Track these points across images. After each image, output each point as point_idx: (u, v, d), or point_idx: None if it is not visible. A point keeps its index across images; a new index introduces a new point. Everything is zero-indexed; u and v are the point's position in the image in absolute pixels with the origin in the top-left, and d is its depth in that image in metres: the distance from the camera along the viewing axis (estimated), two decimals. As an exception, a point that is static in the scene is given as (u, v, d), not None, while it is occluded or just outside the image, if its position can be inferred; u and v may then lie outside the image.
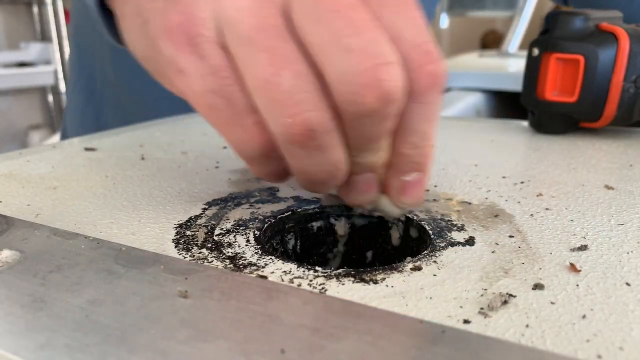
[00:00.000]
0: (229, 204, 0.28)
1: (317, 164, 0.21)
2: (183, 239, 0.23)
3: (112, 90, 0.62)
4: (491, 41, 3.10)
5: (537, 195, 0.29)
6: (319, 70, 0.20)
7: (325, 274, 0.20)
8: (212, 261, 0.21)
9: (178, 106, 0.42)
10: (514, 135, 0.45)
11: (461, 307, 0.18)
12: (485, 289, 0.19)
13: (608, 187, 0.30)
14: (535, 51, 0.43)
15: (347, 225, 0.28)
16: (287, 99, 0.19)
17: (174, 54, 0.21)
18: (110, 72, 0.60)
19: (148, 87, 0.52)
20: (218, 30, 0.21)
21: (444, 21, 3.15)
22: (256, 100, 0.20)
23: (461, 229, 0.24)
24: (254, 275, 0.20)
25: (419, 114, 0.21)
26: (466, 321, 0.17)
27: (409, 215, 0.26)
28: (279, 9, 0.20)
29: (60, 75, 2.48)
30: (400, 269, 0.20)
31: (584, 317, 0.17)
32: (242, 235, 0.24)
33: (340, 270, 0.20)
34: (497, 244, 0.23)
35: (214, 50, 0.21)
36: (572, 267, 0.20)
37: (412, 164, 0.23)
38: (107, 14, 0.29)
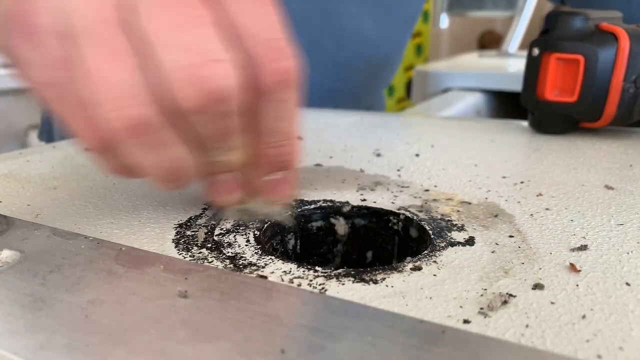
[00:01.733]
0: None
1: (155, 161, 0.21)
2: (183, 239, 0.23)
3: None
4: (489, 41, 3.10)
5: (537, 195, 0.29)
6: (151, 66, 0.19)
7: (325, 274, 0.20)
8: (212, 261, 0.21)
9: None
10: (514, 135, 0.45)
11: (461, 307, 0.18)
12: (485, 289, 0.19)
13: (608, 187, 0.30)
14: (535, 51, 0.43)
15: (347, 225, 0.28)
16: (115, 92, 0.19)
17: (15, 44, 0.21)
18: None
19: None
20: (58, 21, 0.20)
21: (444, 21, 3.15)
22: (89, 93, 0.20)
23: (461, 229, 0.24)
24: (254, 275, 0.20)
25: (272, 112, 0.21)
26: (466, 321, 0.17)
27: (409, 215, 0.26)
28: (118, 2, 0.19)
29: (60, 75, 2.47)
30: (400, 269, 0.20)
31: (584, 317, 0.17)
32: (242, 235, 0.24)
33: (340, 270, 0.20)
34: (497, 244, 0.23)
35: (51, 40, 0.20)
36: (572, 267, 0.20)
37: (275, 164, 0.23)
38: None
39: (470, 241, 0.23)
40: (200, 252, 0.22)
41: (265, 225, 0.25)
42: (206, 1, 0.19)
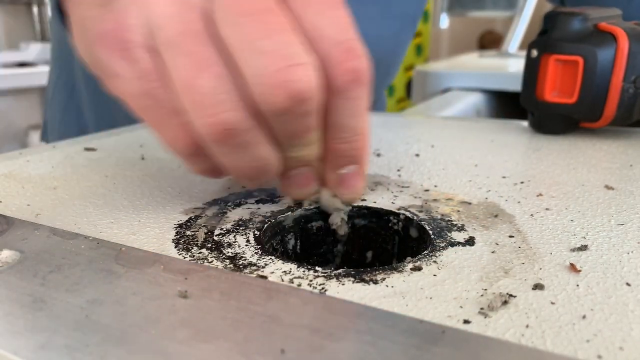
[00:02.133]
0: (229, 204, 0.28)
1: (243, 161, 0.23)
2: (183, 239, 0.23)
3: (90, 87, 0.61)
4: (489, 41, 3.10)
5: (537, 195, 0.29)
6: (238, 73, 0.21)
7: (325, 274, 0.20)
8: (212, 261, 0.21)
9: None
10: (514, 135, 0.45)
11: (461, 307, 0.18)
12: (485, 289, 0.19)
13: (608, 187, 0.30)
14: (534, 52, 0.43)
15: (347, 225, 0.28)
16: (206, 100, 0.21)
17: (108, 59, 0.23)
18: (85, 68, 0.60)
19: None
20: (148, 35, 0.22)
21: (444, 21, 3.15)
22: (181, 102, 0.22)
23: (461, 229, 0.24)
24: (254, 275, 0.20)
25: (344, 109, 0.23)
26: (466, 321, 0.17)
27: (409, 215, 0.26)
28: (202, 14, 0.21)
29: (60, 75, 2.47)
30: (400, 269, 0.20)
31: (584, 317, 0.17)
32: (242, 235, 0.24)
33: (340, 270, 0.20)
34: (497, 244, 0.23)
35: (144, 54, 0.22)
36: (572, 267, 0.20)
37: (346, 158, 0.24)
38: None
39: (470, 241, 0.23)
40: (200, 252, 0.22)
41: (266, 225, 0.25)
42: (282, 7, 0.21)
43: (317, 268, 0.20)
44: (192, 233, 0.24)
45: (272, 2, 0.21)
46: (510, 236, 0.23)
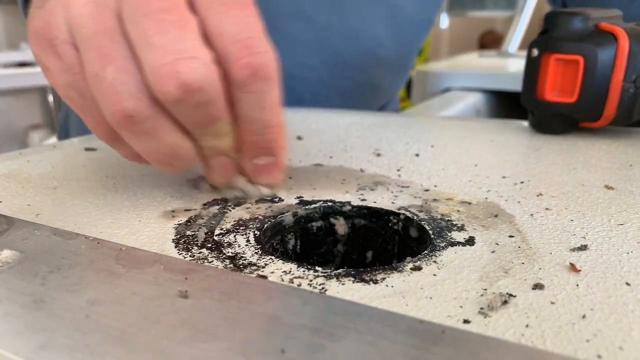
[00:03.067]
0: (229, 204, 0.28)
1: (153, 147, 0.25)
2: (183, 239, 0.23)
3: None
4: (489, 41, 3.10)
5: (537, 195, 0.29)
6: (139, 65, 0.23)
7: (325, 274, 0.20)
8: (212, 261, 0.21)
9: None
10: (514, 135, 0.45)
11: (461, 307, 0.18)
12: (485, 289, 0.19)
13: (608, 187, 0.30)
14: (535, 52, 0.43)
15: (347, 225, 0.28)
16: (109, 89, 0.23)
17: (39, 54, 0.26)
18: None
19: None
20: (70, 32, 0.25)
21: (444, 21, 3.15)
22: (92, 92, 0.24)
23: (461, 229, 0.24)
24: (254, 275, 0.20)
25: (248, 103, 0.25)
26: (466, 321, 0.17)
27: (409, 215, 0.26)
28: (114, 13, 0.24)
29: (61, 75, 2.47)
30: (400, 269, 0.20)
31: (583, 317, 0.17)
32: (242, 235, 0.24)
33: (340, 270, 0.20)
34: (497, 244, 0.23)
35: (68, 50, 0.25)
36: (572, 267, 0.20)
37: (260, 149, 0.27)
38: None
39: (470, 241, 0.23)
40: (200, 252, 0.22)
41: (266, 225, 0.25)
42: (185, 8, 0.23)
43: (317, 268, 0.20)
44: (192, 233, 0.24)
45: (175, 3, 0.23)
46: (510, 236, 0.23)
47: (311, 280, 0.19)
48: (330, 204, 0.28)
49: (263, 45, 0.24)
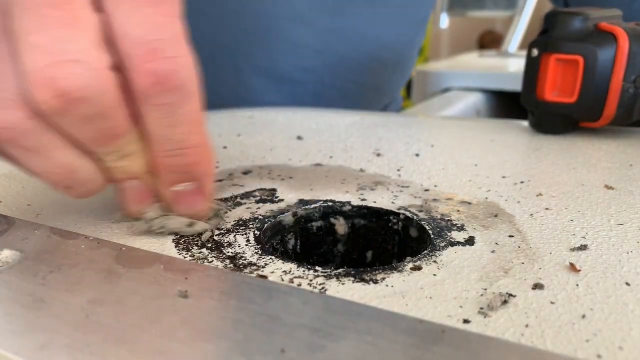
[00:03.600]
0: (229, 204, 0.28)
1: (44, 166, 0.21)
2: (183, 239, 0.23)
3: None
4: (488, 41, 3.10)
5: (537, 195, 0.29)
6: (17, 70, 0.19)
7: (325, 274, 0.20)
8: (212, 261, 0.21)
9: None
10: (514, 135, 0.45)
11: (461, 306, 0.18)
12: (485, 289, 0.19)
13: (608, 187, 0.30)
14: (535, 52, 0.43)
15: (347, 225, 0.28)
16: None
17: None
18: None
19: None
20: None
21: (444, 21, 3.15)
22: None
23: (461, 228, 0.24)
24: (254, 275, 0.20)
25: (155, 118, 0.20)
26: (466, 321, 0.17)
27: (409, 215, 0.26)
28: (1, 9, 0.19)
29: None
30: (400, 268, 0.20)
31: (583, 316, 0.17)
32: (242, 235, 0.24)
33: (340, 270, 0.20)
34: (497, 243, 0.23)
35: None
36: (572, 267, 0.20)
37: (178, 174, 0.22)
38: None
39: (470, 241, 0.23)
40: (200, 252, 0.22)
41: (266, 225, 0.25)
42: (93, 4, 0.19)
43: (317, 268, 0.20)
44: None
45: None
46: (510, 236, 0.23)
47: (311, 280, 0.20)
48: (330, 203, 0.28)
49: (174, 49, 0.19)
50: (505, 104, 0.91)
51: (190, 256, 0.22)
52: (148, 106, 0.20)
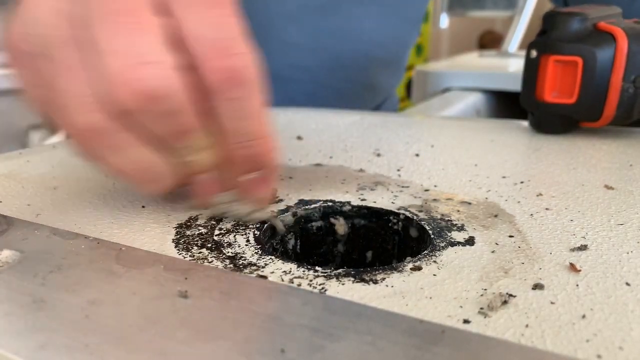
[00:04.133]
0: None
1: (123, 164, 0.23)
2: (183, 239, 0.23)
3: None
4: (489, 41, 3.10)
5: (537, 195, 0.29)
6: (97, 74, 0.21)
7: (325, 274, 0.20)
8: (212, 261, 0.21)
9: None
10: (514, 135, 0.45)
11: (461, 307, 0.18)
12: (485, 289, 0.19)
13: (608, 187, 0.30)
14: (534, 53, 0.43)
15: (347, 226, 0.28)
16: (67, 103, 0.21)
17: (11, 66, 0.23)
18: None
19: None
20: (33, 45, 0.22)
21: (444, 21, 3.15)
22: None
23: (461, 229, 0.24)
24: (254, 275, 0.20)
25: (227, 111, 0.22)
26: (466, 321, 0.17)
27: (409, 215, 0.26)
28: (69, 18, 0.21)
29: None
30: (400, 269, 0.20)
31: (583, 317, 0.17)
32: (242, 235, 0.24)
33: (340, 270, 0.20)
34: (497, 243, 0.23)
35: (32, 62, 0.22)
36: (572, 267, 0.20)
37: (247, 164, 0.24)
38: None
39: (470, 241, 0.23)
40: (200, 252, 0.22)
41: (265, 225, 0.25)
42: (155, 9, 0.21)
43: (317, 268, 0.20)
44: (192, 233, 0.24)
45: (133, 4, 0.21)
46: (510, 236, 0.23)
47: (311, 280, 0.20)
48: (330, 204, 0.28)
49: (241, 47, 0.21)
50: (505, 104, 0.91)
51: (190, 256, 0.22)
52: (221, 101, 0.22)
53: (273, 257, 0.21)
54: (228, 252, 0.22)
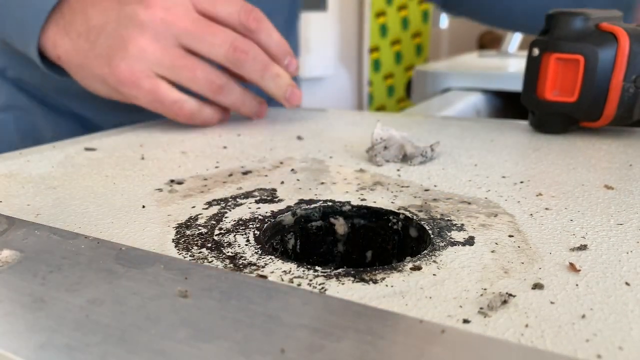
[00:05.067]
0: (229, 204, 0.28)
1: (232, 99, 0.47)
2: (183, 239, 0.23)
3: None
4: (488, 41, 3.09)
5: (537, 195, 0.29)
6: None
7: (325, 274, 0.20)
8: (212, 261, 0.21)
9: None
10: (514, 135, 0.45)
11: (461, 306, 0.18)
12: (485, 289, 0.19)
13: (607, 187, 0.30)
14: (535, 51, 0.43)
15: (347, 225, 0.28)
16: (203, 79, 0.44)
17: (129, 93, 0.46)
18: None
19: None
20: (151, 67, 0.45)
21: (444, 21, 3.15)
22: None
23: (461, 228, 0.24)
24: (254, 275, 0.20)
25: (266, 39, 0.46)
26: (466, 321, 0.17)
27: (409, 215, 0.26)
28: (174, 42, 0.44)
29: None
30: (400, 268, 0.20)
31: (583, 316, 0.17)
32: (242, 235, 0.24)
33: (340, 270, 0.20)
34: (496, 243, 0.23)
35: (154, 80, 0.45)
36: (572, 267, 0.20)
37: (281, 54, 0.47)
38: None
39: (470, 241, 0.23)
40: (200, 252, 0.22)
41: (265, 225, 0.25)
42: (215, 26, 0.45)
43: (317, 268, 0.20)
44: (192, 233, 0.24)
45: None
46: (510, 236, 0.23)
47: (311, 280, 0.20)
48: (330, 203, 0.28)
49: (250, 7, 0.45)
50: (505, 104, 0.91)
51: (190, 256, 0.22)
52: (259, 34, 0.45)
53: (273, 257, 0.21)
54: (228, 252, 0.22)
